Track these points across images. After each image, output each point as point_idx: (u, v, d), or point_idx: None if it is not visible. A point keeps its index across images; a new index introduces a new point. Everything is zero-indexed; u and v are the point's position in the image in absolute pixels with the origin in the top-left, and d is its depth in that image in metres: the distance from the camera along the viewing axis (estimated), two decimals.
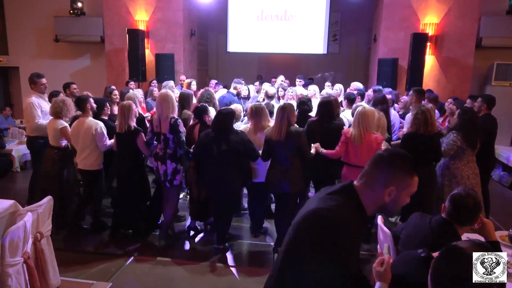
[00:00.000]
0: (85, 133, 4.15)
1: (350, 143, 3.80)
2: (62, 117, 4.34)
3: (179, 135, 3.91)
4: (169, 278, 3.63)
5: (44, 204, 2.94)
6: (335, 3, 9.85)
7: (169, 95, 4.01)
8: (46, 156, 4.42)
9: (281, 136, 3.64)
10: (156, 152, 4.03)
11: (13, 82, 10.57)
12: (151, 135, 4.07)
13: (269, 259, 3.95)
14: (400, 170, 1.47)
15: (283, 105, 3.80)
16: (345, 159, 3.91)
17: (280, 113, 3.69)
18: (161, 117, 3.93)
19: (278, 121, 3.68)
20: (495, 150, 7.17)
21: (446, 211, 2.22)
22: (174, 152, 3.97)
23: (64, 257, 3.43)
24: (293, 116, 3.78)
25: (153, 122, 4.01)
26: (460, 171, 4.03)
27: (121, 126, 4.03)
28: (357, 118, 3.78)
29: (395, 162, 1.48)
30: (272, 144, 3.71)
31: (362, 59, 11.23)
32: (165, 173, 3.98)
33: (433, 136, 3.83)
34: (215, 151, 3.74)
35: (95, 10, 9.34)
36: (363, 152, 3.76)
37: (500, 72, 8.08)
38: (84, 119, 4.20)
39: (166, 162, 3.96)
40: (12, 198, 2.98)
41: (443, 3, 8.00)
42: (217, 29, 11.24)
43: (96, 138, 4.15)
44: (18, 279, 2.57)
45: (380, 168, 1.49)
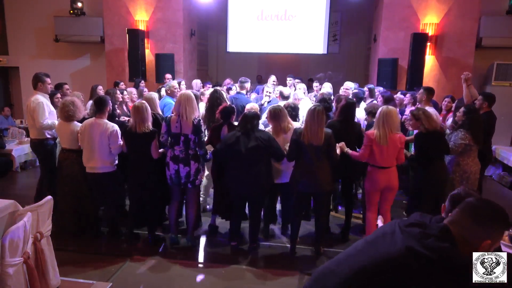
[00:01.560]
0: (101, 135, 4.00)
1: (375, 144, 3.78)
2: (74, 119, 4.23)
3: (200, 135, 3.90)
4: (169, 278, 3.63)
5: (44, 204, 2.93)
6: (335, 3, 9.85)
7: (192, 95, 3.92)
8: (64, 159, 4.29)
9: (318, 139, 3.66)
10: (175, 154, 3.92)
11: (13, 82, 10.57)
12: (166, 137, 3.95)
13: (269, 259, 3.96)
14: (502, 226, 1.45)
15: (314, 107, 3.77)
16: (370, 161, 3.90)
17: (313, 115, 3.69)
18: (182, 117, 3.84)
19: (313, 124, 3.68)
20: (496, 150, 7.20)
21: (446, 211, 2.21)
22: (195, 152, 3.95)
23: (64, 257, 3.42)
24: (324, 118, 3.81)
25: (171, 123, 3.89)
26: (470, 167, 4.28)
27: (136, 126, 3.89)
28: (381, 118, 3.75)
29: (499, 219, 1.44)
30: (302, 145, 3.71)
31: (362, 59, 11.23)
32: (188, 174, 3.93)
33: (441, 133, 4.08)
34: (243, 149, 3.73)
35: (95, 10, 9.34)
36: (389, 152, 3.78)
37: (500, 72, 8.07)
38: (101, 121, 4.04)
39: (190, 163, 3.92)
40: (12, 198, 2.98)
41: (443, 3, 7.99)
42: (217, 29, 11.24)
43: (111, 140, 4.01)
44: (18, 279, 2.57)
45: (482, 225, 1.43)
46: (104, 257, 3.92)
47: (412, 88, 7.77)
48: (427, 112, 4.07)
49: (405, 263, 1.37)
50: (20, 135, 7.48)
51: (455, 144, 4.17)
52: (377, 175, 3.85)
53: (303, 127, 3.77)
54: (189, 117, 3.82)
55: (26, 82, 10.09)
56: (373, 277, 1.42)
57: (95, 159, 4.05)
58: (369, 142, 3.80)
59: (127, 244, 4.21)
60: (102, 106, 4.07)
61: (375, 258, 1.44)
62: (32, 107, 4.61)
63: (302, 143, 3.70)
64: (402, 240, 1.42)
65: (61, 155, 4.36)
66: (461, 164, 4.29)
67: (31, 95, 4.81)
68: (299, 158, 3.81)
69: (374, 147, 3.79)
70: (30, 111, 4.65)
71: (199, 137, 3.89)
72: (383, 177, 3.84)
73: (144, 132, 3.89)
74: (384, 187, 3.87)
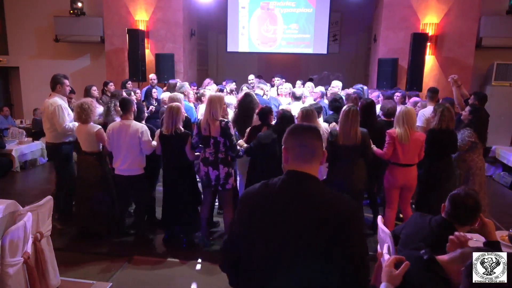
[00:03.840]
0: (130, 136, 3.93)
1: (397, 142, 3.86)
2: (91, 120, 4.18)
3: (231, 138, 3.81)
4: (169, 278, 3.63)
5: (44, 204, 2.94)
6: (335, 3, 9.85)
7: (221, 97, 3.88)
8: (84, 163, 4.24)
9: (354, 139, 3.70)
10: (206, 157, 3.91)
11: (13, 82, 10.56)
12: (197, 139, 3.93)
13: None
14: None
15: (349, 108, 3.77)
16: (392, 159, 3.97)
17: (347, 116, 3.71)
18: (209, 119, 3.80)
19: (348, 125, 3.70)
20: (496, 150, 7.20)
21: (446, 211, 2.22)
22: (226, 155, 3.89)
23: (64, 257, 3.43)
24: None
25: (201, 125, 3.85)
26: (475, 163, 4.47)
27: (168, 128, 3.85)
28: (402, 118, 3.86)
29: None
30: (338, 146, 3.73)
31: (362, 59, 11.23)
32: (217, 177, 3.90)
33: (452, 131, 4.14)
34: (278, 152, 3.70)
35: (95, 10, 9.33)
36: (411, 150, 3.87)
37: (500, 72, 8.08)
38: (128, 122, 3.98)
39: (219, 167, 3.88)
40: (12, 198, 2.98)
41: (443, 3, 7.99)
42: (217, 29, 11.24)
43: (142, 140, 3.94)
44: (18, 279, 2.57)
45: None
46: (104, 257, 3.92)
47: (412, 88, 7.78)
48: (448, 111, 4.14)
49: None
50: (20, 135, 7.48)
51: (463, 142, 4.33)
52: (396, 172, 3.96)
53: (338, 129, 3.81)
54: (216, 119, 3.77)
55: (26, 82, 10.12)
56: None
57: (123, 161, 3.98)
58: (391, 140, 3.89)
59: (123, 242, 4.20)
60: (128, 106, 3.99)
61: None
62: (51, 111, 4.40)
63: (337, 144, 3.74)
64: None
65: (79, 158, 4.34)
66: (467, 160, 4.44)
67: (48, 97, 4.57)
68: (334, 159, 3.85)
69: (397, 145, 3.87)
70: (48, 115, 4.44)
71: (230, 140, 3.81)
72: (402, 175, 3.95)
73: (177, 134, 3.85)
74: (402, 184, 3.98)
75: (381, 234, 2.73)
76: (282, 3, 9.79)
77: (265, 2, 9.84)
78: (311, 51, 10.06)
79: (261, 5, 9.84)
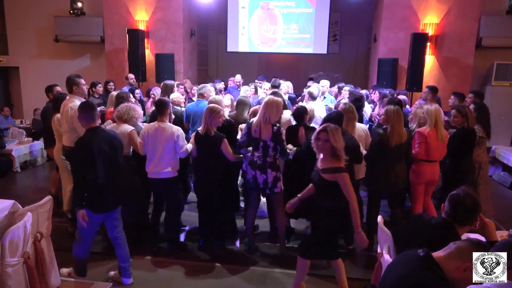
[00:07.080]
0: (166, 139, 3.83)
1: (431, 140, 3.96)
2: (133, 124, 4.03)
3: (282, 144, 3.77)
4: (169, 278, 3.63)
5: (44, 204, 2.94)
6: (335, 3, 9.85)
7: (279, 101, 3.80)
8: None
9: (401, 138, 3.77)
10: (253, 160, 3.83)
11: (13, 82, 10.58)
12: (245, 139, 3.86)
13: (269, 259, 3.96)
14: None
15: (397, 108, 3.81)
16: (425, 157, 4.04)
17: (398, 116, 3.75)
18: (262, 122, 3.72)
19: (398, 124, 3.75)
20: (496, 150, 7.20)
21: (445, 211, 2.22)
22: (274, 160, 3.82)
23: (64, 257, 3.42)
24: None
25: (252, 127, 3.78)
26: (481, 158, 4.66)
27: (207, 130, 3.80)
28: (434, 116, 3.96)
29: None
30: (386, 146, 3.76)
31: (362, 59, 11.24)
32: (265, 181, 3.82)
33: (474, 129, 4.33)
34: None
35: (95, 10, 9.34)
36: (439, 148, 4.03)
37: (500, 72, 8.09)
38: (164, 125, 3.87)
39: (267, 171, 3.80)
40: (12, 198, 2.98)
41: (443, 3, 8.00)
42: (217, 29, 11.24)
43: (177, 143, 3.84)
44: (18, 279, 2.58)
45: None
46: (104, 257, 3.92)
47: (412, 88, 7.79)
48: (471, 111, 4.30)
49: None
50: (20, 135, 7.48)
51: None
52: (423, 168, 4.07)
53: (389, 129, 3.80)
54: (269, 123, 3.71)
55: (26, 82, 10.13)
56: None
57: (158, 164, 3.87)
58: (423, 139, 3.97)
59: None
60: (164, 108, 3.89)
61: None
62: (71, 114, 4.14)
63: (386, 143, 3.76)
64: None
65: None
66: (473, 155, 4.53)
67: (66, 100, 4.34)
68: (378, 159, 3.87)
69: (430, 143, 3.96)
70: (68, 118, 4.19)
71: (282, 146, 3.77)
72: (429, 171, 4.08)
73: (213, 135, 3.81)
74: (428, 180, 4.11)
75: (381, 234, 2.74)
76: (282, 3, 9.79)
77: (265, 2, 9.84)
78: (311, 51, 10.06)
79: (261, 5, 9.84)
